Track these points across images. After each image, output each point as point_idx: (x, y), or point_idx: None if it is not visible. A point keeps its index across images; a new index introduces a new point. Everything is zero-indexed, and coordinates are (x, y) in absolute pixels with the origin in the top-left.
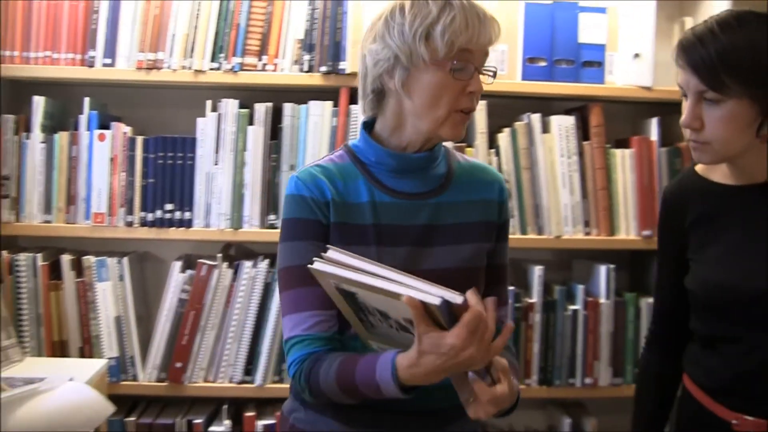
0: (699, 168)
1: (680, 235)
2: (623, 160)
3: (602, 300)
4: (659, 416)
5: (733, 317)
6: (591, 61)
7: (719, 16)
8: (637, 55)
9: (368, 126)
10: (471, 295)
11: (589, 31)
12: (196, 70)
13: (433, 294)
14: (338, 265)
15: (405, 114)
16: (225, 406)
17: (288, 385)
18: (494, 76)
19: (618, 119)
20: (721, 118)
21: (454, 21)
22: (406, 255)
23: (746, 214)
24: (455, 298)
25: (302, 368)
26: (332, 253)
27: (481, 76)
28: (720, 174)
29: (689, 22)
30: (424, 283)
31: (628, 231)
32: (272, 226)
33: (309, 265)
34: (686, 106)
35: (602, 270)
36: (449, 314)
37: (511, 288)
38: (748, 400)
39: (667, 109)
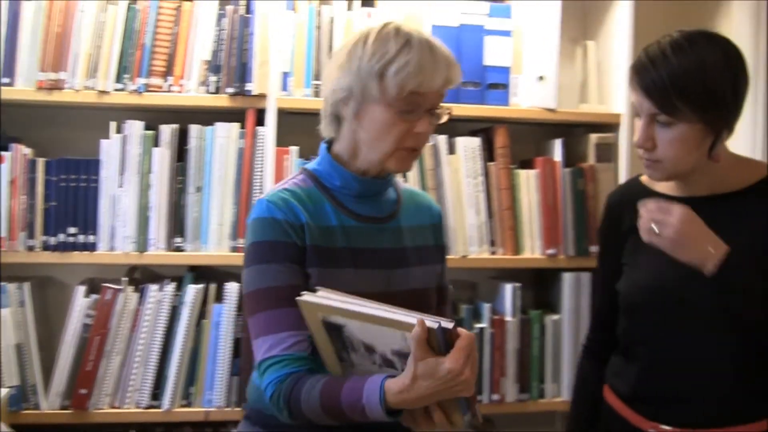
0: (644, 177)
1: (618, 241)
2: (528, 180)
3: (508, 318)
4: (595, 424)
5: (655, 320)
6: (496, 84)
7: (672, 37)
8: (541, 78)
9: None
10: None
11: (494, 53)
12: (99, 91)
13: (428, 320)
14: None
15: (359, 142)
16: None
17: (199, 408)
18: (450, 114)
19: (522, 140)
20: (672, 140)
21: (407, 65)
22: (380, 277)
23: None
24: (448, 323)
25: (281, 389)
26: (323, 292)
27: (436, 113)
28: (663, 185)
29: (592, 46)
30: (414, 313)
31: (533, 250)
32: (179, 249)
33: (298, 298)
34: (639, 126)
35: (508, 288)
36: (444, 340)
37: None
38: (665, 408)
39: (570, 131)
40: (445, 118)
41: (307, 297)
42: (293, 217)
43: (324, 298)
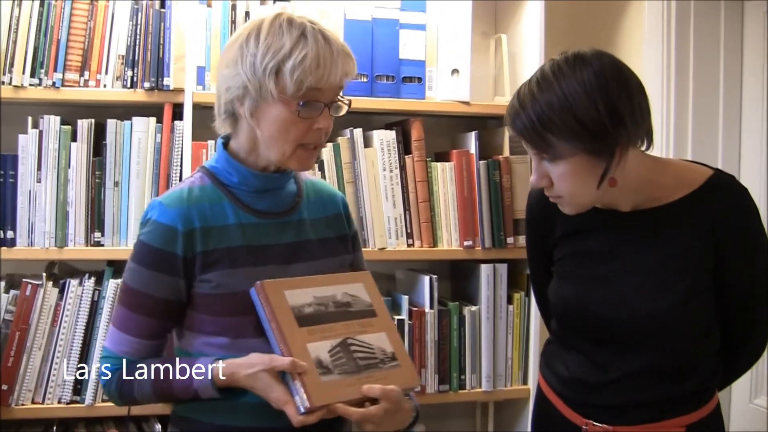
0: None
1: (549, 243)
2: (444, 173)
3: (426, 309)
4: None
5: (585, 336)
6: (411, 77)
7: (542, 70)
8: (455, 71)
9: (224, 144)
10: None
11: (409, 47)
12: (15, 86)
13: None
14: None
15: (257, 140)
16: (54, 428)
17: None
18: (349, 105)
19: (438, 133)
20: (563, 175)
21: (305, 59)
22: (280, 273)
23: (609, 241)
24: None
25: (112, 378)
26: None
27: (336, 106)
28: None
29: (504, 39)
30: None
31: (450, 242)
32: (98, 244)
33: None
34: (532, 165)
35: (425, 280)
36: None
37: None
38: (596, 408)
39: (485, 123)
40: (344, 111)
41: None
42: (183, 224)
43: None
